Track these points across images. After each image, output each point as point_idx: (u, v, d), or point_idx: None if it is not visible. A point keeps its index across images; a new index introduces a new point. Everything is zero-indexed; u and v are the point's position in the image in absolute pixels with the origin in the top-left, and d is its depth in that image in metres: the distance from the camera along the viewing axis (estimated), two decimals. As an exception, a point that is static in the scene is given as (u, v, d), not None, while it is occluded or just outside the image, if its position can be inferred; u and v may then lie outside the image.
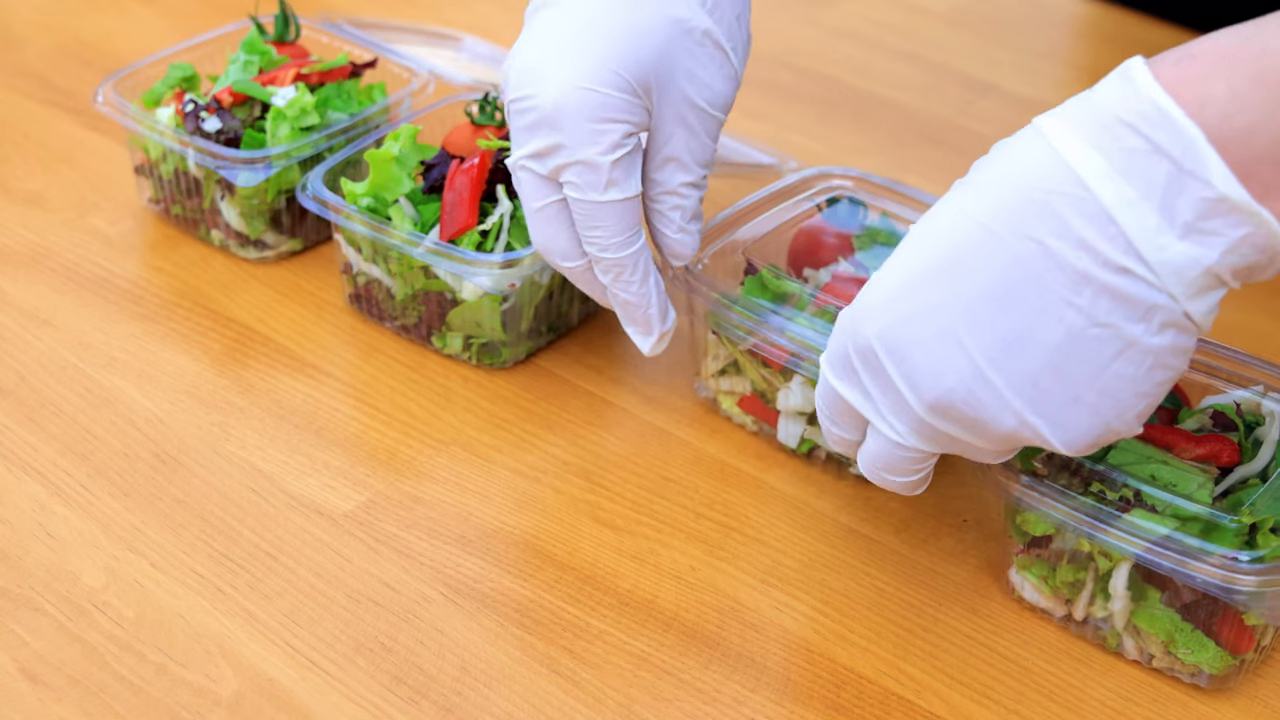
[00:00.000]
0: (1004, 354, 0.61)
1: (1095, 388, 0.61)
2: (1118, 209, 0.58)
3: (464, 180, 0.87)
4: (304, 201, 0.90)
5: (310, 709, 0.71)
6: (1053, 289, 0.60)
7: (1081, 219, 0.59)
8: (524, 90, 0.75)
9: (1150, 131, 0.57)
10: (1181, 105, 0.57)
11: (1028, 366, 0.61)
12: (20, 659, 0.72)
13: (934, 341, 0.62)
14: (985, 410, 0.62)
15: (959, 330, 0.61)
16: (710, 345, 0.85)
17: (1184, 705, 0.72)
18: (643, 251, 0.78)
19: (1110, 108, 0.59)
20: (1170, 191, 0.57)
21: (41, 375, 0.89)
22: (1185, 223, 0.57)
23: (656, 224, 0.80)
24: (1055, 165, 0.59)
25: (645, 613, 0.76)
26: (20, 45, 1.21)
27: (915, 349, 0.62)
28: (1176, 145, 0.57)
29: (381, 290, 0.92)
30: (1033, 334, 0.60)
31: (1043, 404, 0.61)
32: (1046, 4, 1.35)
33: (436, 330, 0.91)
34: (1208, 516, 0.69)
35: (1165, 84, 0.58)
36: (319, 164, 0.93)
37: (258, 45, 1.01)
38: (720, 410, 0.86)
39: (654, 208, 0.80)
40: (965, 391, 0.62)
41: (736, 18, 0.78)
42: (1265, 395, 0.76)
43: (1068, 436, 0.62)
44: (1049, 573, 0.74)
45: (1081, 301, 0.59)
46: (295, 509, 0.81)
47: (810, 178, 0.91)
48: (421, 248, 0.86)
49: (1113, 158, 0.58)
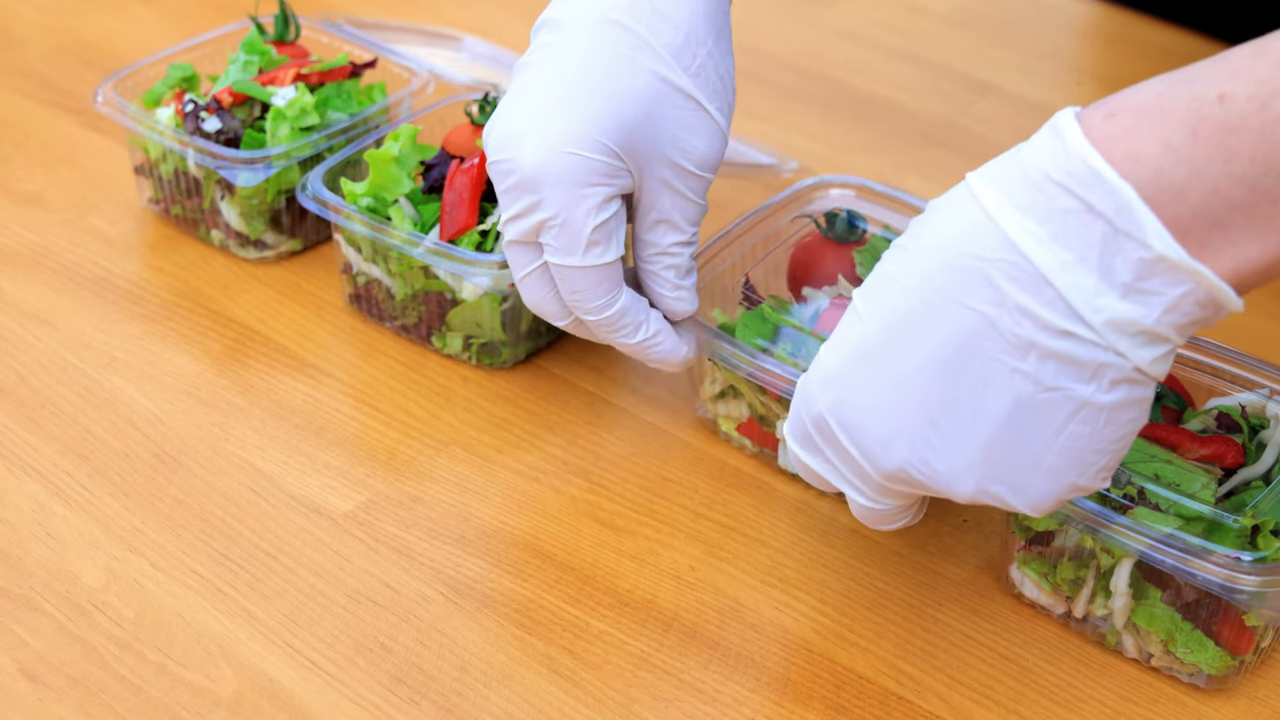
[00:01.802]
0: (953, 425, 0.60)
1: (1052, 451, 0.60)
2: (1053, 272, 0.57)
3: (464, 180, 0.87)
4: (304, 201, 0.90)
5: (310, 709, 0.71)
6: (996, 356, 0.59)
7: (1017, 285, 0.57)
8: (506, 154, 0.74)
9: (1083, 192, 0.56)
10: (1113, 163, 0.56)
11: (979, 436, 0.60)
12: (20, 659, 0.72)
13: (882, 414, 0.61)
14: (942, 479, 0.61)
15: (905, 402, 0.61)
16: (709, 369, 0.85)
17: (1183, 705, 0.72)
18: (630, 308, 0.77)
19: (1041, 166, 0.57)
20: (1107, 252, 0.56)
21: (41, 375, 0.89)
22: (1124, 283, 0.56)
23: (651, 284, 0.79)
24: (987, 230, 0.58)
25: (645, 613, 0.76)
26: (20, 45, 1.21)
27: (865, 421, 0.62)
28: (1110, 205, 0.56)
29: (381, 290, 0.92)
30: (981, 403, 0.59)
31: (1000, 472, 0.61)
32: (1048, 5, 1.35)
33: (436, 330, 0.91)
34: (1211, 516, 0.69)
35: (1096, 140, 0.56)
36: (319, 164, 0.93)
37: (258, 45, 1.00)
38: (719, 432, 0.86)
39: (647, 268, 0.79)
40: (919, 462, 0.61)
41: (720, 78, 0.76)
42: (1270, 398, 0.76)
43: (1030, 500, 0.61)
44: (1050, 569, 0.74)
45: (1027, 367, 0.58)
46: (295, 509, 0.81)
47: (808, 189, 0.90)
48: (421, 248, 0.86)
49: (1046, 220, 0.57)
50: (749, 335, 0.80)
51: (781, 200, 0.89)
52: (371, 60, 1.03)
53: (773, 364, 0.78)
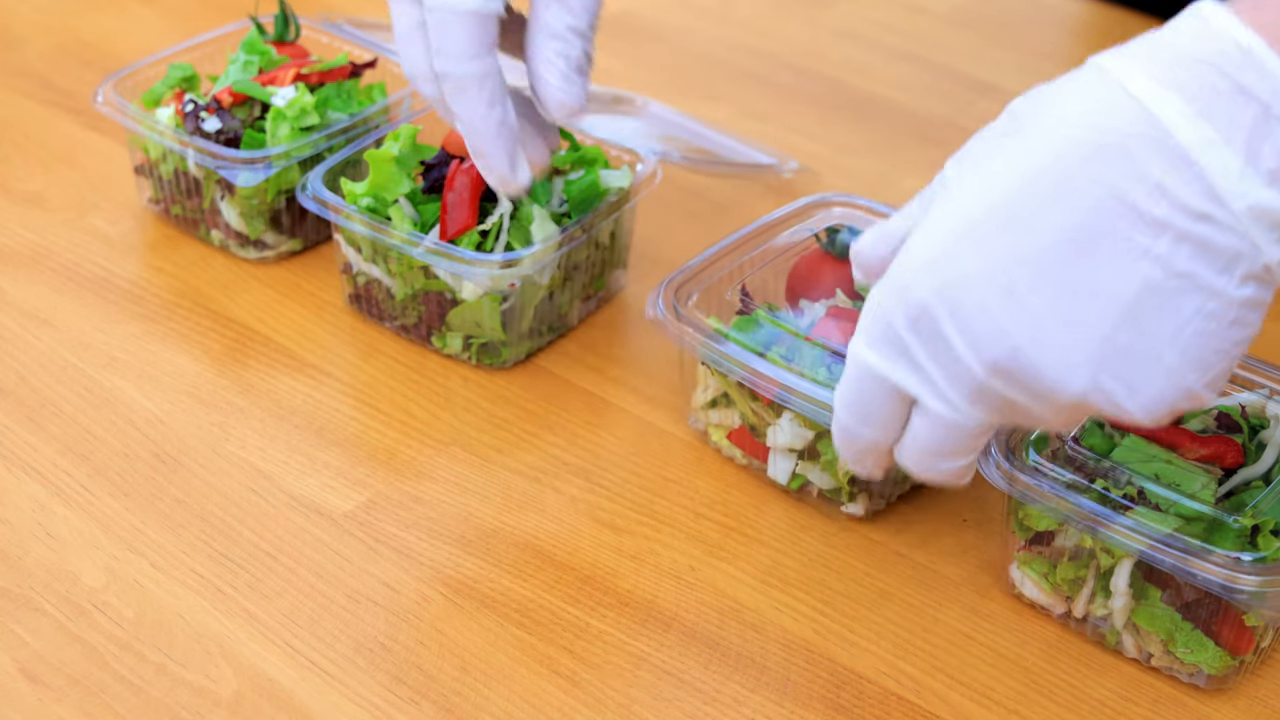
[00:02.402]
0: (1074, 309, 0.56)
1: (1175, 346, 0.55)
2: (1198, 150, 0.54)
3: (464, 180, 0.87)
4: (304, 201, 0.90)
5: (310, 709, 0.71)
6: (1126, 237, 0.55)
7: (1158, 161, 0.54)
8: None
9: (1235, 73, 0.53)
10: (1271, 46, 0.53)
11: (1101, 322, 0.56)
12: (20, 659, 0.72)
13: (997, 297, 0.56)
14: (1052, 371, 0.56)
15: (1024, 284, 0.56)
16: (701, 376, 0.85)
17: (1182, 705, 0.72)
18: (490, 76, 0.77)
19: (1185, 48, 0.55)
20: (1256, 135, 0.53)
21: (41, 375, 0.89)
22: (1270, 169, 0.54)
23: (541, 71, 0.78)
24: (1126, 105, 0.55)
25: (645, 613, 0.76)
26: (20, 45, 1.21)
27: (976, 306, 0.57)
28: (1266, 88, 0.53)
29: (381, 290, 0.92)
30: (1105, 287, 0.55)
31: (1117, 364, 0.56)
32: (1047, 4, 1.35)
33: (436, 330, 0.91)
34: (1211, 516, 0.69)
35: (1248, 25, 0.54)
36: (319, 164, 0.93)
37: (258, 45, 1.00)
38: (710, 442, 0.86)
39: (537, 55, 0.78)
40: (1033, 349, 0.56)
41: None
42: (1270, 398, 0.76)
43: (1144, 401, 0.57)
44: (1050, 569, 0.74)
45: (1160, 249, 0.55)
46: (295, 509, 0.81)
47: (808, 206, 0.90)
48: (421, 248, 0.86)
49: (1193, 98, 0.54)
50: (743, 339, 0.80)
51: (782, 215, 0.89)
52: (371, 60, 1.03)
53: (766, 367, 0.78)
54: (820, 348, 0.78)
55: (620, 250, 0.96)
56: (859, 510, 0.81)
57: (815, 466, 0.80)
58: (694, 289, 0.83)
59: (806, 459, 0.81)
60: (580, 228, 0.89)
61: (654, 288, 0.83)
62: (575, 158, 0.92)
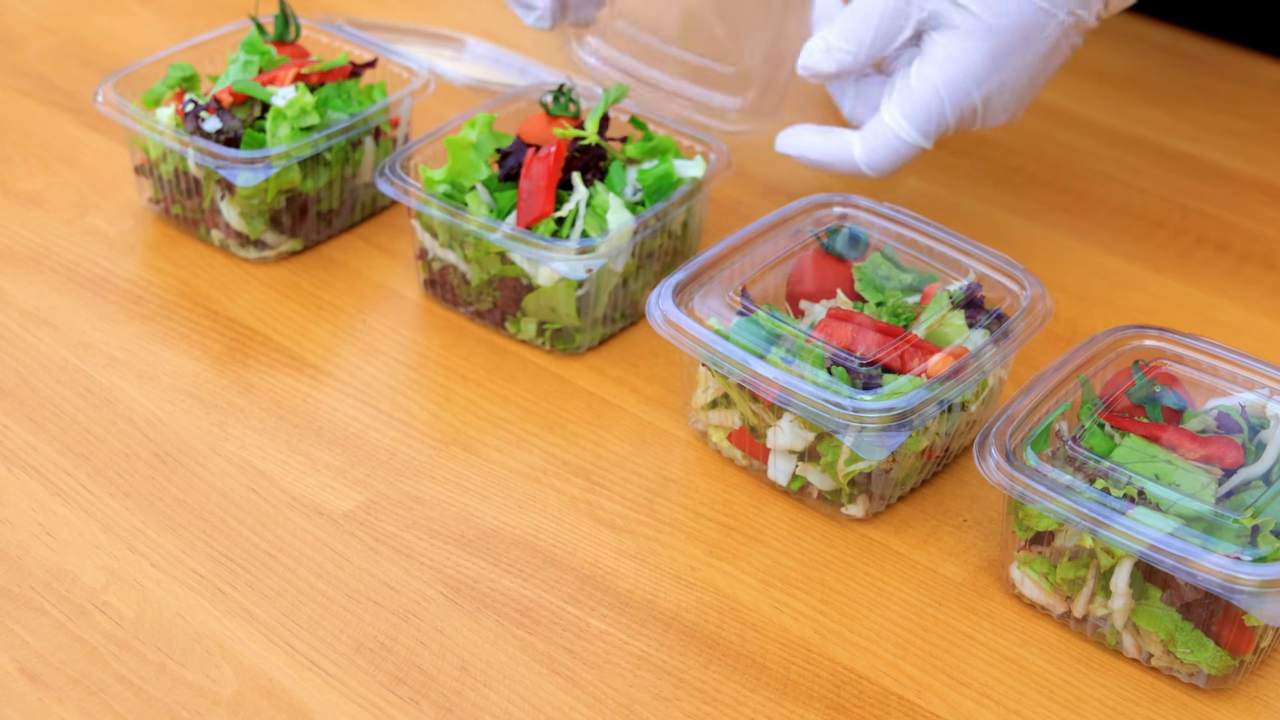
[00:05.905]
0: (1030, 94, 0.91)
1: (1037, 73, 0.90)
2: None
3: (541, 168, 0.88)
4: (382, 186, 0.91)
5: (310, 709, 0.71)
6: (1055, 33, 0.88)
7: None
8: None
9: None
10: None
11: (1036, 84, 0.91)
12: (20, 659, 0.72)
13: (1010, 97, 0.90)
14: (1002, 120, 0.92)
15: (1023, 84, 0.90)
16: (701, 377, 0.85)
17: (1182, 705, 0.72)
18: None
19: None
20: None
21: (41, 375, 0.89)
22: None
23: None
24: None
25: (645, 613, 0.76)
26: (20, 45, 1.21)
27: (999, 102, 0.90)
28: None
29: (456, 275, 0.92)
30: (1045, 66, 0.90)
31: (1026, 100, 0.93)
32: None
33: (511, 316, 0.91)
34: (1211, 516, 0.69)
35: None
36: (391, 153, 0.95)
37: (258, 45, 1.01)
38: (710, 443, 0.86)
39: None
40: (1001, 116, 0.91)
41: None
42: (1270, 398, 0.76)
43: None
44: (1050, 569, 0.74)
45: None
46: (295, 509, 0.81)
47: (808, 206, 0.90)
48: (499, 233, 0.87)
49: None
50: (743, 341, 0.80)
51: (782, 215, 0.89)
52: (371, 60, 1.03)
53: (766, 369, 0.78)
54: (820, 349, 0.78)
55: (692, 239, 0.97)
56: (859, 511, 0.81)
57: (815, 468, 0.80)
58: (694, 290, 0.83)
59: (806, 460, 0.81)
60: (654, 216, 0.90)
61: (654, 289, 0.83)
62: (649, 147, 0.93)
